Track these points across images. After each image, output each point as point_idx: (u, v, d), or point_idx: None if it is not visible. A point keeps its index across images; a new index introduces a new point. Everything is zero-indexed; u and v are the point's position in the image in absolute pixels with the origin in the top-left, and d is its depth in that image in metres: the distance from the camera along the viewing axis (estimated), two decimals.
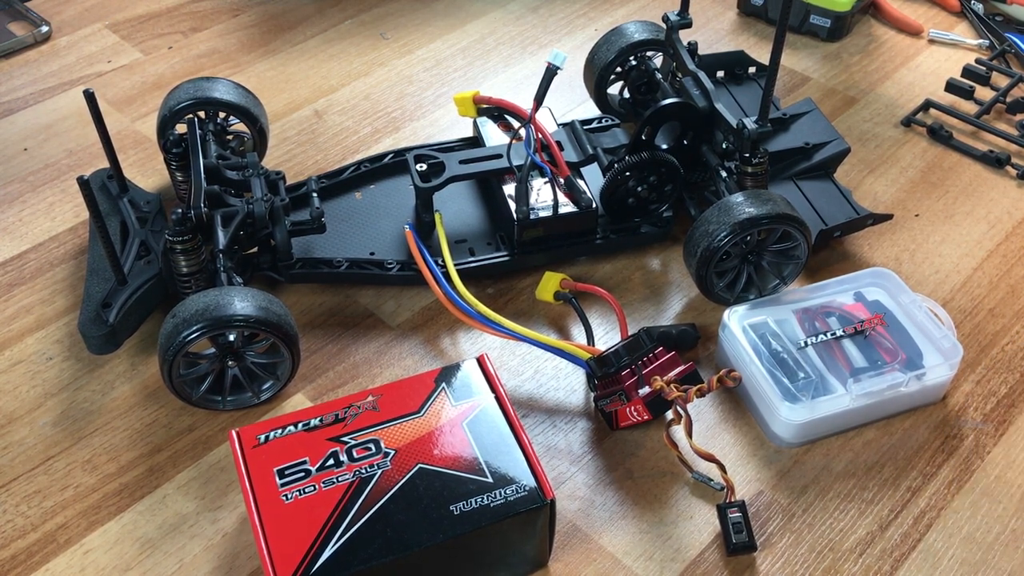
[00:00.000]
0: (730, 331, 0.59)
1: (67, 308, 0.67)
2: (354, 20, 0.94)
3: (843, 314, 0.60)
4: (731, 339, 0.59)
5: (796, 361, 0.58)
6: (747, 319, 0.60)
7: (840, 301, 0.60)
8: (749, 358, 0.57)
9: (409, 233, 0.65)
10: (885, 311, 0.59)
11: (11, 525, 0.55)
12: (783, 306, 0.60)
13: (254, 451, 0.50)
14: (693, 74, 0.71)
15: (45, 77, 0.87)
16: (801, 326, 0.59)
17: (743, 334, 0.59)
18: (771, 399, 0.56)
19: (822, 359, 0.58)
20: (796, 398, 0.55)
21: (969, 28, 0.94)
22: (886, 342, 0.58)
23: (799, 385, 0.56)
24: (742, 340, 0.58)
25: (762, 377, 0.56)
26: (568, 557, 0.53)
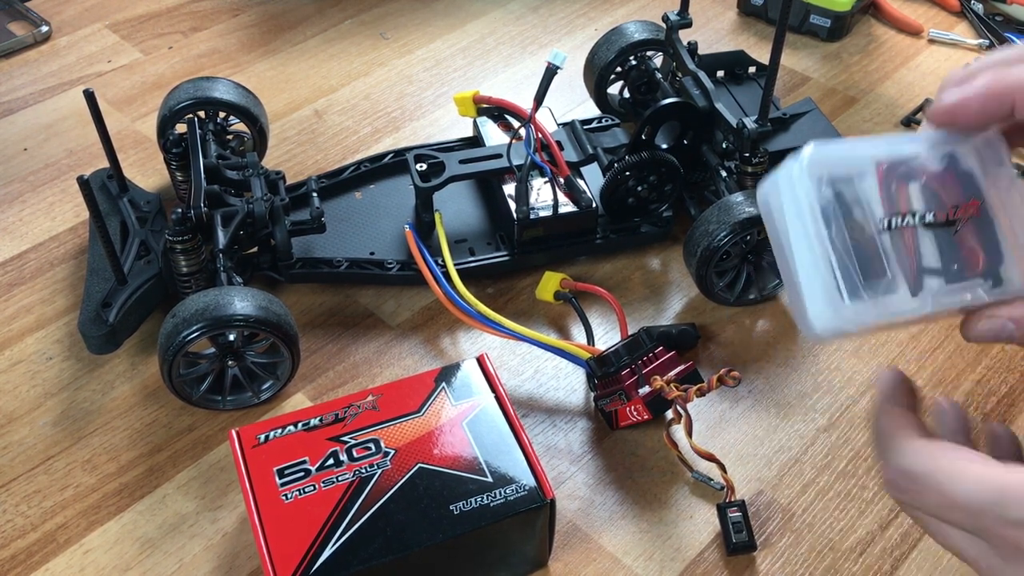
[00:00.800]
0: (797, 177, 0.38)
1: (67, 308, 0.67)
2: (354, 20, 0.94)
3: (930, 185, 0.41)
4: (797, 188, 0.38)
5: (865, 243, 0.39)
6: (823, 167, 0.38)
7: (927, 160, 0.40)
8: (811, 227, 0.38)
9: (409, 233, 0.65)
10: (977, 190, 0.41)
11: (11, 525, 0.55)
12: (862, 148, 0.40)
13: (254, 451, 0.50)
14: (693, 74, 0.71)
15: (45, 77, 0.87)
16: (882, 190, 0.39)
17: (813, 188, 0.38)
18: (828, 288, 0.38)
19: (895, 247, 0.40)
20: (861, 295, 0.38)
21: (969, 28, 0.94)
22: (971, 240, 0.41)
23: (872, 284, 0.39)
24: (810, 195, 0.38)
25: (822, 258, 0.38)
26: (568, 557, 0.53)
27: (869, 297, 0.39)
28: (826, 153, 0.38)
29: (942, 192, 0.41)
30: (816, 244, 0.38)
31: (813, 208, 0.38)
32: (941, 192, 0.41)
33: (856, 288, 0.39)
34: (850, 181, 0.39)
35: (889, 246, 0.40)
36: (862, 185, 0.39)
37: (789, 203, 0.38)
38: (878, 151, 0.40)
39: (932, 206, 0.40)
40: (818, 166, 0.38)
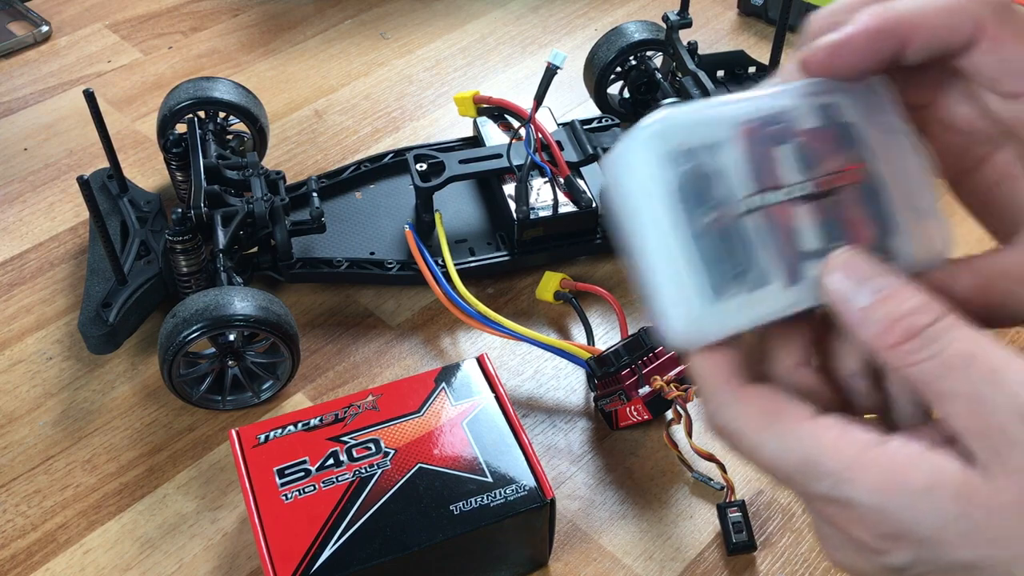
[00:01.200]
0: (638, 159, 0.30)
1: (67, 308, 0.67)
2: (354, 20, 0.94)
3: (805, 147, 0.32)
4: (640, 172, 0.30)
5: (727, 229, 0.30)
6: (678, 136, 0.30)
7: (800, 115, 0.32)
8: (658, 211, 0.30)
9: (409, 233, 0.65)
10: (861, 145, 0.33)
11: (11, 525, 0.55)
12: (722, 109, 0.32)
13: (254, 451, 0.50)
14: (693, 74, 0.71)
15: (45, 77, 0.87)
16: (748, 158, 0.31)
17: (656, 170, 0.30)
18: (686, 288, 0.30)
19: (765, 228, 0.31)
20: (726, 293, 0.30)
21: None
22: (856, 210, 0.32)
23: (739, 278, 0.31)
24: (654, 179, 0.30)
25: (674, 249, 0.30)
26: (568, 557, 0.53)
27: (736, 294, 0.31)
28: (676, 121, 0.30)
29: (819, 155, 0.32)
30: (669, 235, 0.30)
31: (662, 191, 0.30)
32: (818, 155, 0.32)
33: (720, 285, 0.30)
34: (709, 150, 0.31)
35: (758, 229, 0.31)
36: (724, 154, 0.31)
37: (633, 185, 0.30)
38: (741, 110, 0.32)
39: (807, 174, 0.32)
40: (667, 138, 0.30)
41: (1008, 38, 0.29)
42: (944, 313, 0.27)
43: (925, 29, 0.29)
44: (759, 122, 0.31)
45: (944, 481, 0.26)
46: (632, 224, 0.31)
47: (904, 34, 0.29)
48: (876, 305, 0.28)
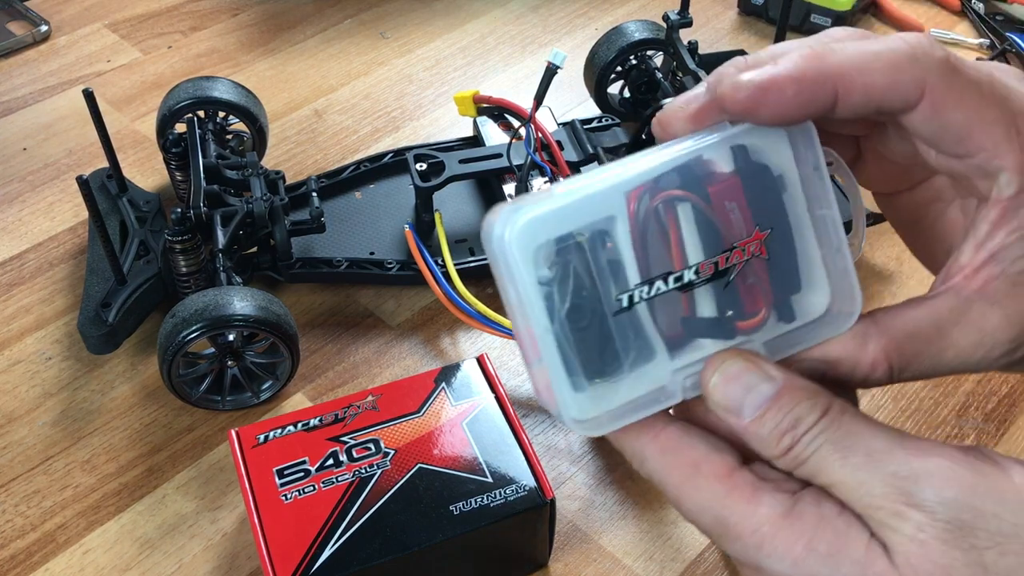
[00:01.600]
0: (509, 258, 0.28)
1: (66, 308, 0.67)
2: (354, 19, 0.94)
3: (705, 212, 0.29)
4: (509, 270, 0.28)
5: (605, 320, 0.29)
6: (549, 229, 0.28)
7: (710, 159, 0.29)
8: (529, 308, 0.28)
9: (409, 233, 0.65)
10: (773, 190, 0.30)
11: (10, 525, 0.55)
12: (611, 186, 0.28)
13: (253, 451, 0.50)
14: (694, 73, 0.71)
15: (44, 76, 0.87)
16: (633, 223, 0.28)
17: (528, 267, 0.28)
18: (552, 377, 0.29)
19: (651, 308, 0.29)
20: (585, 385, 0.29)
21: (970, 27, 0.94)
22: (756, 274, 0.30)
23: (604, 363, 0.29)
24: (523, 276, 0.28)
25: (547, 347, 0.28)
26: (568, 557, 0.53)
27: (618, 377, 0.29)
28: (544, 217, 0.28)
29: (722, 219, 0.29)
30: (543, 328, 0.28)
31: (533, 286, 0.28)
32: (720, 219, 0.29)
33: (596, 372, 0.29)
34: (589, 235, 0.28)
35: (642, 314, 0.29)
36: (607, 237, 0.28)
37: (507, 276, 0.28)
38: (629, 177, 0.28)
39: (702, 253, 0.29)
40: (534, 235, 0.28)
41: (951, 103, 0.28)
42: (827, 406, 0.28)
43: (863, 86, 0.27)
44: (651, 185, 0.28)
45: (848, 550, 0.27)
46: (511, 308, 0.29)
47: (839, 88, 0.27)
48: (759, 421, 0.28)
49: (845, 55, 0.27)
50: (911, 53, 0.27)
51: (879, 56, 0.27)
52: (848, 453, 0.27)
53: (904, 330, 0.29)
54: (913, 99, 0.28)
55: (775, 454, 0.28)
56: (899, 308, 0.30)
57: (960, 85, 0.28)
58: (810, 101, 0.27)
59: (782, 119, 0.28)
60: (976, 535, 0.26)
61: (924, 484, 0.26)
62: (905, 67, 0.27)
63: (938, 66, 0.28)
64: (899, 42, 0.28)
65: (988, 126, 0.28)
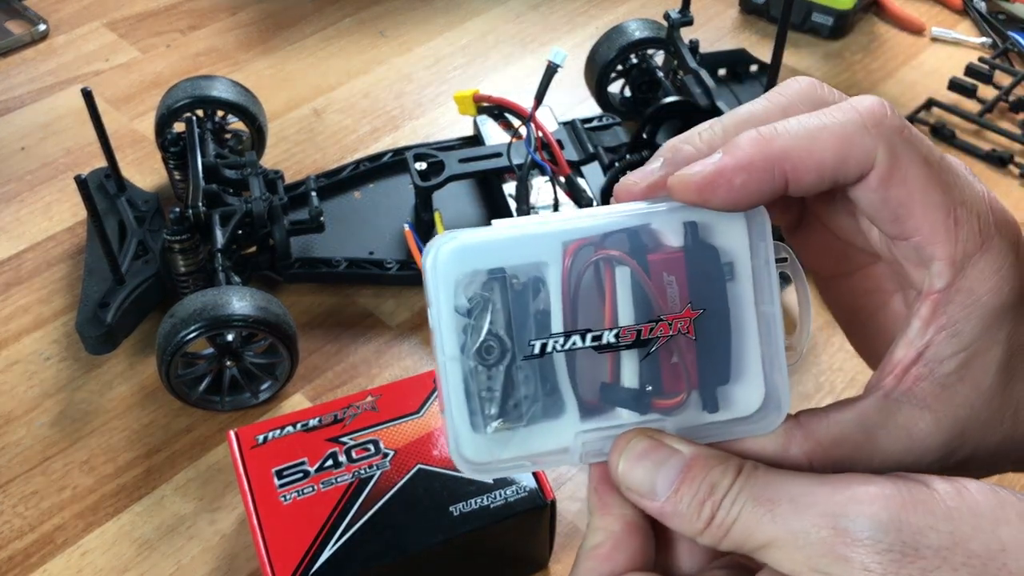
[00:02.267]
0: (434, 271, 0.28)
1: (65, 308, 0.66)
2: (353, 18, 0.94)
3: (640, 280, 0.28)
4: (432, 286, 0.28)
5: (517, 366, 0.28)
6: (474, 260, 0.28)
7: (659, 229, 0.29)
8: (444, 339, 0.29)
9: (408, 232, 0.65)
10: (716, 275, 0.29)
11: (8, 526, 0.55)
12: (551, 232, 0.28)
13: (252, 452, 0.50)
14: (694, 72, 0.71)
15: (42, 76, 0.86)
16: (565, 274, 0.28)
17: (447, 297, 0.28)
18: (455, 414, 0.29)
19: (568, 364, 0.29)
20: (482, 426, 0.29)
21: (972, 26, 0.94)
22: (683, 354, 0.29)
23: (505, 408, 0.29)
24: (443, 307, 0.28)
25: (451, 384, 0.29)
26: (569, 558, 0.53)
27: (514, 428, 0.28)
28: (476, 246, 0.28)
29: (655, 285, 0.28)
30: (447, 367, 0.28)
31: (449, 312, 0.28)
32: (653, 286, 0.28)
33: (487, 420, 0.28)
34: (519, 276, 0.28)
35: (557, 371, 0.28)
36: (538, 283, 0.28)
37: (431, 298, 0.28)
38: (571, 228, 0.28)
39: (630, 316, 0.28)
40: (463, 261, 0.28)
41: (897, 178, 0.27)
42: (739, 466, 0.27)
43: (814, 165, 0.27)
44: (594, 240, 0.28)
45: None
46: (432, 334, 0.29)
47: (788, 171, 0.27)
48: (675, 497, 0.27)
49: (791, 136, 0.27)
50: (862, 123, 0.27)
51: (828, 130, 0.27)
52: (772, 505, 0.26)
53: (829, 435, 0.28)
54: (863, 171, 0.27)
55: (698, 528, 0.27)
56: (826, 411, 0.28)
57: (909, 160, 0.27)
58: (759, 189, 0.27)
59: (734, 206, 0.28)
60: (922, 555, 0.24)
61: (855, 514, 0.25)
62: (856, 139, 0.27)
63: (890, 137, 0.27)
64: (851, 112, 0.27)
65: (929, 209, 0.27)
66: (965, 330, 0.27)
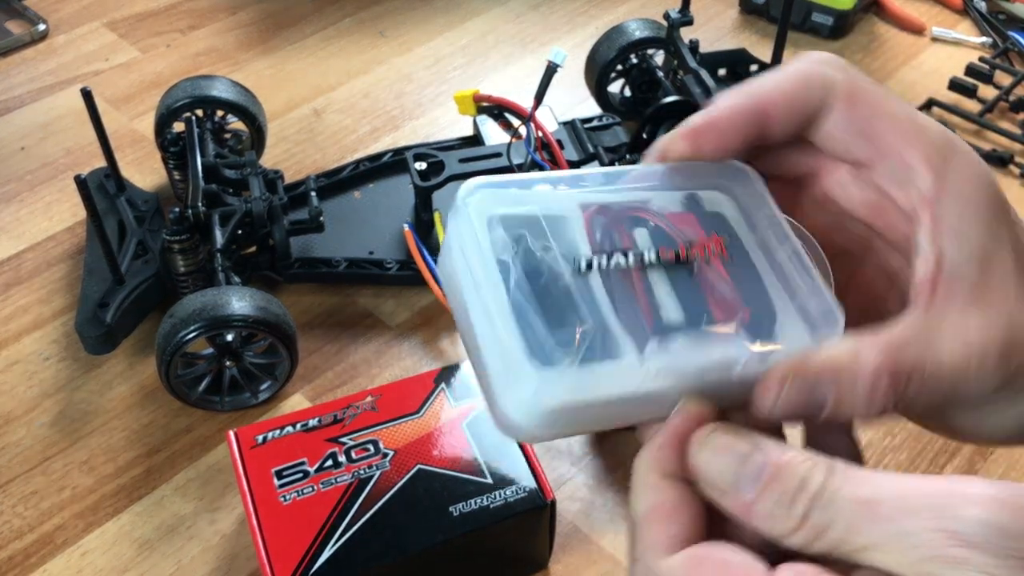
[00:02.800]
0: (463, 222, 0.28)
1: (64, 308, 0.66)
2: (353, 18, 0.94)
3: (661, 226, 0.30)
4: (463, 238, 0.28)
5: (566, 293, 0.28)
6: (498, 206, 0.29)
7: (662, 205, 0.31)
8: (482, 276, 0.27)
9: (408, 232, 0.65)
10: (730, 234, 0.31)
11: (8, 526, 0.55)
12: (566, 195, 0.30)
13: (252, 452, 0.50)
14: (694, 72, 0.71)
15: (42, 75, 0.86)
16: (589, 236, 0.29)
17: (482, 232, 0.28)
18: (507, 353, 0.27)
19: (611, 297, 0.28)
20: (551, 358, 0.26)
21: (972, 26, 0.94)
22: (722, 284, 0.30)
23: (563, 336, 0.27)
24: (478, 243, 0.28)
25: (498, 318, 0.27)
26: (569, 558, 0.53)
27: (570, 363, 0.26)
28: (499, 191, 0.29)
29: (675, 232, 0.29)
30: (491, 299, 0.26)
31: (483, 254, 0.27)
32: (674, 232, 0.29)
33: (548, 351, 0.26)
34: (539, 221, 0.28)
35: (599, 292, 0.27)
36: (561, 226, 0.28)
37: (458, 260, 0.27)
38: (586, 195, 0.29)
39: (657, 243, 0.29)
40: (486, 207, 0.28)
41: (859, 98, 0.29)
42: (830, 464, 0.26)
43: (782, 102, 0.30)
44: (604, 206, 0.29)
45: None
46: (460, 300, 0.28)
47: (764, 110, 0.30)
48: (763, 494, 0.26)
49: (760, 84, 0.30)
50: (818, 62, 0.30)
51: (790, 73, 0.30)
52: (874, 506, 0.24)
53: (894, 340, 0.27)
54: (824, 101, 0.30)
55: (788, 527, 0.25)
56: (877, 328, 0.28)
57: (864, 82, 0.30)
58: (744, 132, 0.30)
59: (724, 151, 0.30)
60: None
61: (967, 515, 0.23)
62: (815, 73, 0.30)
63: (843, 68, 0.30)
64: (807, 59, 0.30)
65: (895, 120, 0.29)
66: (970, 232, 0.28)
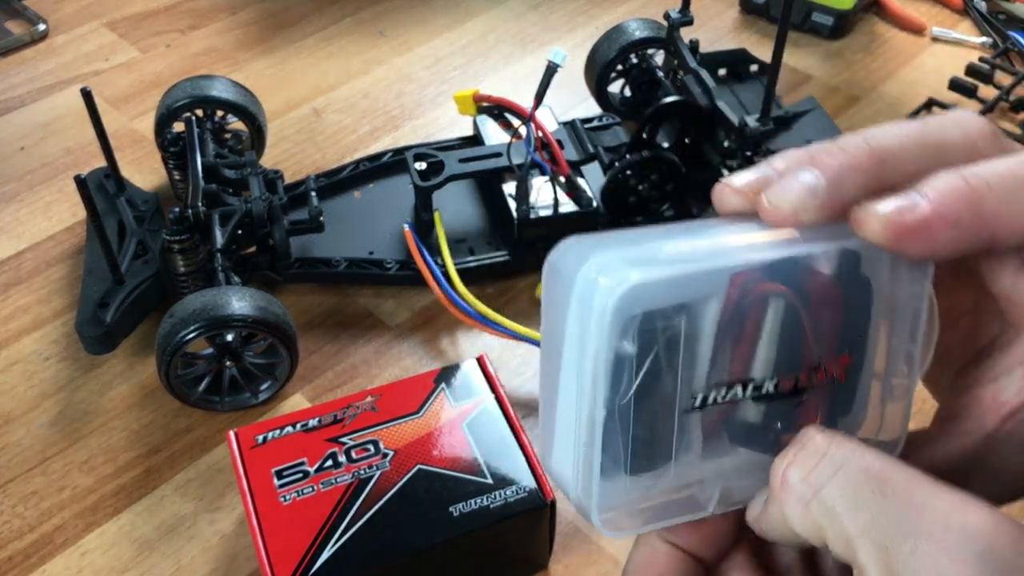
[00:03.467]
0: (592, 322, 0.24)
1: (64, 308, 0.66)
2: (353, 18, 0.94)
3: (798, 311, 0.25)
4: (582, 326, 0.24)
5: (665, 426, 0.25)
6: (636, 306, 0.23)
7: (812, 260, 0.25)
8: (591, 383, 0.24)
9: (408, 232, 0.65)
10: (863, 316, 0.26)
11: (8, 527, 0.55)
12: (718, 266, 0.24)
13: (252, 452, 0.50)
14: (694, 72, 0.71)
15: (42, 75, 0.86)
16: (726, 310, 0.25)
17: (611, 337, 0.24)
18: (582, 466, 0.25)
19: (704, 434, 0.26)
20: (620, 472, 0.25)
21: (972, 26, 0.94)
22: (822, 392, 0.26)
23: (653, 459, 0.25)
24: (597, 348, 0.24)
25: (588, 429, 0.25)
26: (569, 559, 0.53)
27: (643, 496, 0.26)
28: (652, 286, 0.23)
29: (809, 321, 0.25)
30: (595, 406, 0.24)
31: (605, 362, 0.24)
32: (808, 321, 0.25)
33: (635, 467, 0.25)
34: (680, 312, 0.24)
35: (695, 430, 0.25)
36: (697, 320, 0.24)
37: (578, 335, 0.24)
38: (737, 259, 0.24)
39: (787, 340, 0.25)
40: (635, 303, 0.23)
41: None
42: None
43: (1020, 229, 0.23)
44: (754, 272, 0.24)
45: None
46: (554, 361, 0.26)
47: (998, 233, 0.23)
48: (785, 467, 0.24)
49: (1004, 193, 0.22)
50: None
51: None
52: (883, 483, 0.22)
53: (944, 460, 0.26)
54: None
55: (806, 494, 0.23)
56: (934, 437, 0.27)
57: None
58: (962, 248, 0.23)
59: (926, 258, 0.24)
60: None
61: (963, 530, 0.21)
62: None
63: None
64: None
65: None
66: None
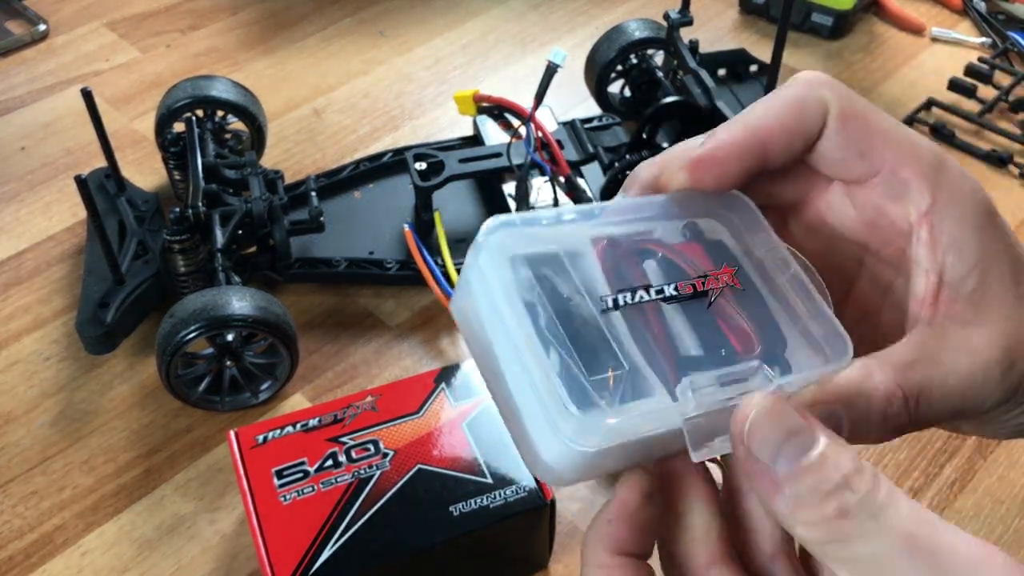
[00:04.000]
0: (487, 261, 0.28)
1: (64, 308, 0.66)
2: (353, 18, 0.94)
3: (672, 258, 0.30)
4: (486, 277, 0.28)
5: (595, 333, 0.27)
6: (518, 247, 0.28)
7: (665, 235, 0.30)
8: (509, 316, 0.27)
9: (408, 232, 0.65)
10: (733, 263, 0.30)
11: (8, 526, 0.55)
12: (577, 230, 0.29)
13: (252, 452, 0.50)
14: (694, 72, 0.71)
15: (43, 76, 0.86)
16: (604, 271, 0.29)
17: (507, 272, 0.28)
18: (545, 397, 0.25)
19: (633, 335, 0.28)
20: (589, 400, 0.26)
21: (972, 26, 0.94)
22: (735, 315, 0.30)
23: (599, 381, 0.27)
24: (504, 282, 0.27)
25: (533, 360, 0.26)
26: (568, 558, 0.53)
27: (608, 405, 0.26)
28: (518, 231, 0.28)
29: (685, 262, 0.29)
30: (523, 341, 0.26)
31: (509, 294, 0.26)
32: (684, 262, 0.29)
33: (586, 394, 0.26)
34: (559, 259, 0.28)
35: (623, 330, 0.27)
36: (577, 263, 0.28)
37: (481, 299, 0.27)
38: (595, 229, 0.29)
39: (673, 277, 0.29)
40: (507, 246, 0.28)
41: (852, 116, 0.29)
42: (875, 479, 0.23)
43: (780, 132, 0.30)
44: (614, 239, 0.29)
45: None
46: (486, 344, 0.27)
47: (763, 141, 0.29)
48: (797, 479, 0.23)
49: (756, 114, 0.30)
50: (809, 85, 0.30)
51: (784, 98, 0.30)
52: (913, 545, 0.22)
53: (903, 360, 0.27)
54: (820, 123, 0.30)
55: (811, 519, 0.23)
56: (888, 348, 0.28)
57: (857, 100, 0.30)
58: (743, 164, 0.29)
59: (723, 183, 0.30)
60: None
61: None
62: (809, 96, 0.30)
63: (834, 87, 0.30)
64: (798, 81, 0.30)
65: (888, 135, 0.29)
66: (967, 244, 0.28)
